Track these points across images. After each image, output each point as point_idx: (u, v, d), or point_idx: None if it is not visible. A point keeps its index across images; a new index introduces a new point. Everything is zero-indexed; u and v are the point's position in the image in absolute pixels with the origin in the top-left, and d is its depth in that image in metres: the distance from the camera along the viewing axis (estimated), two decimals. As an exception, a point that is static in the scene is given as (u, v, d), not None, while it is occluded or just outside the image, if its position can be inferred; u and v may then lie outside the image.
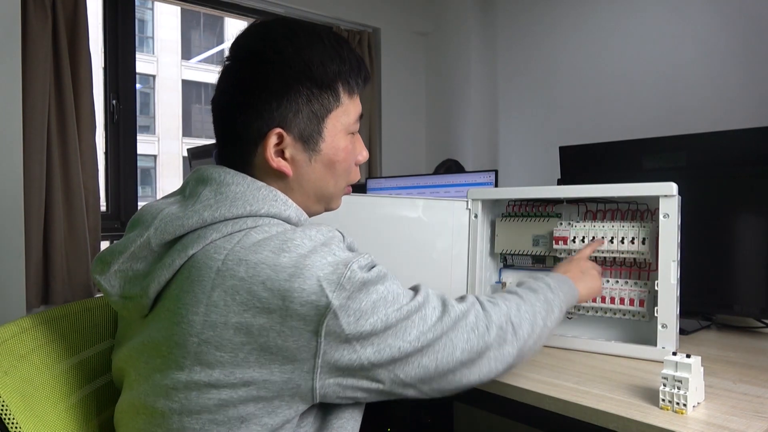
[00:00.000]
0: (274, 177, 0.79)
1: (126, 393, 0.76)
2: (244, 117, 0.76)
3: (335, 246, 0.70)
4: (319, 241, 0.69)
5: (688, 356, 0.80)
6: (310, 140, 0.78)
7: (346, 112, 0.80)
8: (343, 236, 0.75)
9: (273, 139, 0.76)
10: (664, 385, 0.80)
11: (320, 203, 0.84)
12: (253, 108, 0.76)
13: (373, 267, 0.72)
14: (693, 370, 0.79)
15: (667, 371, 0.80)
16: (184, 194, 0.78)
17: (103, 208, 2.51)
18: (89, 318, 0.92)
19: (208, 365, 0.67)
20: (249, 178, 0.76)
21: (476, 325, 0.76)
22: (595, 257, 1.14)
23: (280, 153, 0.77)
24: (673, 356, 0.81)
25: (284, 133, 0.76)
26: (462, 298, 0.80)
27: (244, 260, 0.67)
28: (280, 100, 0.75)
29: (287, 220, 0.75)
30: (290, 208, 0.76)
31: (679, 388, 0.78)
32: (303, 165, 0.79)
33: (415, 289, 0.77)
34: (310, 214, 0.84)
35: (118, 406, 0.79)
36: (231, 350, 0.66)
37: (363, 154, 0.86)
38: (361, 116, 0.84)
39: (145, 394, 0.71)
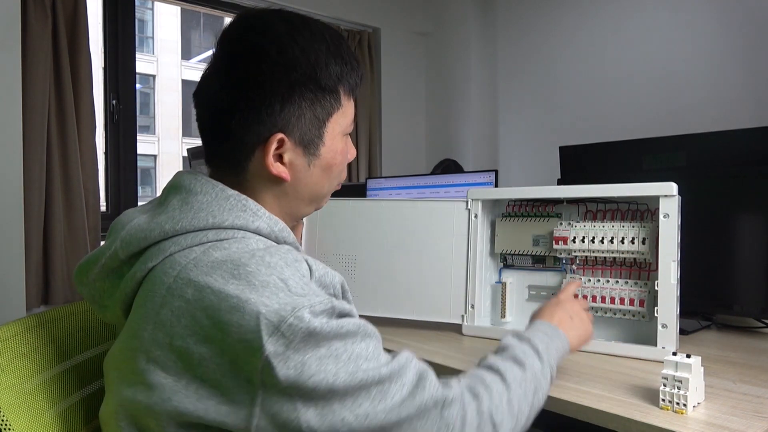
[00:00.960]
0: (269, 181, 0.74)
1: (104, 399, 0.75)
2: (243, 120, 0.70)
3: (294, 282, 0.62)
4: (277, 273, 0.62)
5: (688, 356, 0.80)
6: (310, 145, 0.74)
7: (345, 114, 0.78)
8: (311, 269, 0.66)
9: (274, 145, 0.71)
10: (664, 385, 0.80)
11: (312, 205, 0.81)
12: (254, 111, 0.70)
13: (338, 316, 0.63)
14: (693, 370, 0.79)
15: (667, 371, 0.80)
16: (160, 202, 0.74)
17: (103, 208, 2.50)
18: (91, 319, 0.92)
19: (149, 386, 0.62)
20: (219, 186, 0.71)
21: (453, 423, 0.64)
22: (595, 257, 1.14)
23: (279, 158, 0.73)
24: (673, 356, 0.81)
25: (285, 138, 0.72)
26: (448, 383, 0.68)
27: (193, 281, 0.62)
28: (283, 103, 0.70)
29: (256, 232, 0.69)
30: (260, 218, 0.70)
31: (679, 388, 0.78)
32: (301, 170, 0.75)
33: (396, 356, 0.65)
34: (300, 216, 0.81)
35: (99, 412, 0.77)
36: (174, 374, 0.61)
37: (351, 153, 0.83)
38: (355, 116, 0.82)
39: (105, 406, 0.70)
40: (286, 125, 0.71)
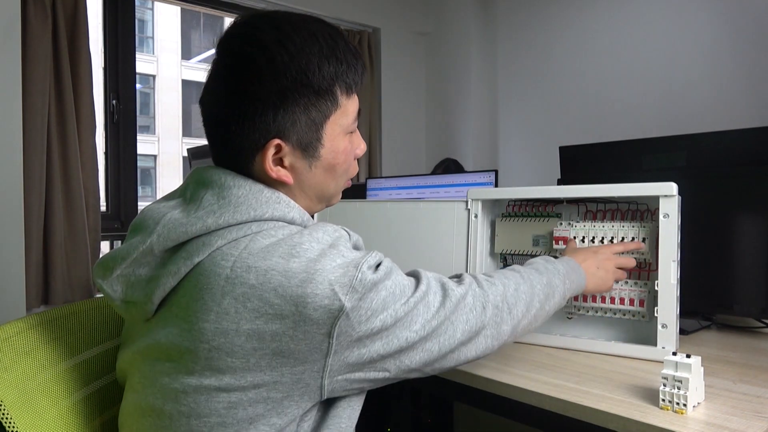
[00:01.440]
0: (274, 184, 0.77)
1: (130, 395, 0.76)
2: (240, 129, 0.73)
3: (343, 247, 0.70)
4: (327, 243, 0.69)
5: (688, 356, 0.80)
6: (309, 147, 0.75)
7: (345, 113, 0.77)
8: (349, 234, 0.75)
9: (272, 150, 0.73)
10: (664, 385, 0.80)
11: (322, 203, 0.84)
12: (249, 120, 0.72)
13: (379, 264, 0.72)
14: (693, 370, 0.79)
15: (667, 371, 0.80)
16: (185, 197, 0.76)
17: (103, 208, 2.51)
18: (94, 317, 0.93)
19: (218, 371, 0.67)
20: (250, 180, 0.75)
21: (474, 306, 0.78)
22: (595, 257, 1.14)
23: (279, 161, 0.75)
24: (673, 356, 0.81)
25: (282, 143, 0.73)
26: (459, 279, 0.82)
27: (254, 267, 0.66)
28: (276, 110, 0.72)
29: (291, 222, 0.74)
30: (294, 209, 0.75)
31: (679, 388, 0.78)
32: (303, 172, 0.77)
33: (416, 276, 0.77)
34: (312, 213, 0.83)
35: (122, 408, 0.78)
36: (242, 356, 0.66)
37: (361, 147, 0.83)
38: (359, 112, 0.81)
39: (153, 397, 0.71)
40: (281, 131, 0.73)
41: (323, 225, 0.73)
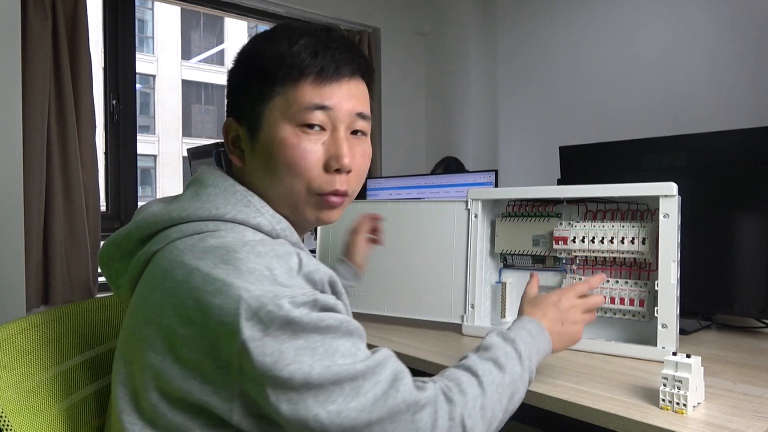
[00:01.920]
0: (241, 172, 0.78)
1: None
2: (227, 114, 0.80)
3: (280, 272, 0.62)
4: (265, 262, 0.62)
5: (688, 356, 0.80)
6: (252, 127, 0.75)
7: (288, 100, 0.72)
8: (301, 263, 0.65)
9: (229, 130, 0.78)
10: (664, 385, 0.80)
11: (284, 207, 0.76)
12: (227, 106, 0.80)
13: (321, 310, 0.63)
14: (693, 370, 0.79)
15: (667, 371, 0.80)
16: (180, 194, 0.79)
17: (103, 208, 2.51)
18: (94, 318, 0.93)
19: (143, 365, 0.65)
20: (230, 181, 0.75)
21: (423, 427, 0.63)
22: (595, 257, 1.14)
23: (237, 143, 0.77)
24: (673, 356, 0.81)
25: (234, 122, 0.77)
26: (423, 386, 0.67)
27: (185, 264, 0.64)
28: (234, 90, 0.78)
29: (257, 228, 0.70)
30: (263, 215, 0.72)
31: (679, 388, 0.78)
32: (249, 154, 0.76)
33: (374, 354, 0.65)
34: (293, 223, 0.76)
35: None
36: (161, 353, 0.64)
37: (339, 161, 0.73)
38: (320, 108, 0.72)
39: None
40: (236, 110, 0.77)
41: (279, 243, 0.67)
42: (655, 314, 1.04)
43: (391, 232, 1.34)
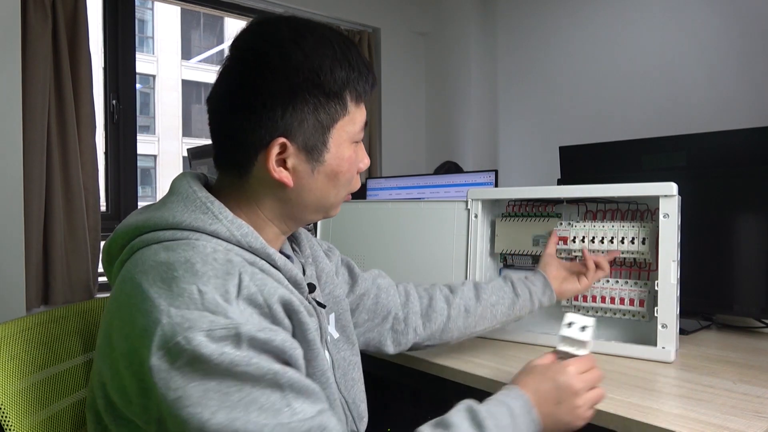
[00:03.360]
0: (273, 186, 0.73)
1: None
2: (246, 124, 0.70)
3: (212, 296, 0.59)
4: (200, 283, 0.60)
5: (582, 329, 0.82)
6: (314, 150, 0.72)
7: (353, 120, 0.75)
8: (241, 286, 0.62)
9: (276, 149, 0.70)
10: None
11: (318, 213, 0.78)
12: (256, 115, 0.70)
13: (253, 347, 0.57)
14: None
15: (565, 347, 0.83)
16: None
17: (103, 208, 2.50)
18: (94, 318, 0.93)
19: (95, 373, 0.66)
20: (195, 188, 0.71)
21: None
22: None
23: (282, 162, 0.71)
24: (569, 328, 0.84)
25: (288, 143, 0.70)
26: None
27: (133, 278, 0.63)
28: (285, 108, 0.69)
29: (214, 235, 0.67)
30: (220, 222, 0.68)
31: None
32: (305, 176, 0.73)
33: (306, 420, 0.58)
34: (305, 222, 0.80)
35: None
36: (108, 365, 0.62)
37: (365, 162, 0.79)
38: (366, 124, 0.78)
39: None
40: (288, 130, 0.70)
41: (225, 261, 0.63)
42: (655, 314, 1.04)
43: (392, 233, 1.34)
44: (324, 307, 0.81)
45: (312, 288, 0.79)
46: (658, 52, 2.66)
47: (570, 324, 0.83)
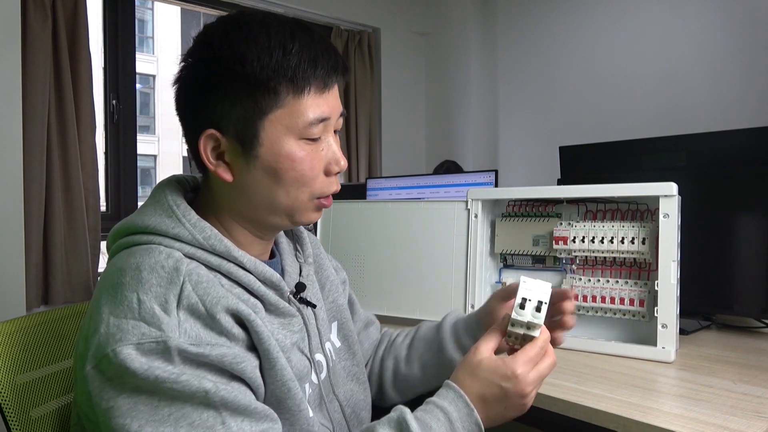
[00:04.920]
0: (223, 184, 0.70)
1: None
2: (184, 119, 0.71)
3: (150, 305, 0.58)
4: (141, 291, 0.59)
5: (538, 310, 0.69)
6: (246, 143, 0.68)
7: (292, 113, 0.68)
8: (181, 296, 0.60)
9: (207, 141, 0.68)
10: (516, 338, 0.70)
11: (277, 215, 0.72)
12: (190, 108, 0.70)
13: (187, 361, 0.57)
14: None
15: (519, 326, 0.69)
16: None
17: (103, 208, 2.51)
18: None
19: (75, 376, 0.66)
20: (167, 191, 0.71)
21: None
22: (595, 257, 1.14)
23: (221, 157, 0.69)
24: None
25: (218, 135, 0.68)
26: None
27: (99, 284, 0.65)
28: (209, 98, 0.68)
29: (176, 238, 0.66)
30: (182, 225, 0.67)
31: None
32: (243, 171, 0.69)
33: None
34: (270, 227, 0.75)
35: None
36: (80, 365, 0.62)
37: (340, 164, 0.72)
38: (323, 120, 0.70)
39: None
40: (217, 121, 0.68)
41: (172, 269, 0.62)
42: (655, 314, 1.04)
43: (393, 233, 1.34)
44: (314, 306, 0.78)
45: (302, 287, 0.77)
46: (658, 53, 2.66)
47: (523, 303, 0.69)
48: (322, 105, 0.69)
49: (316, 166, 0.70)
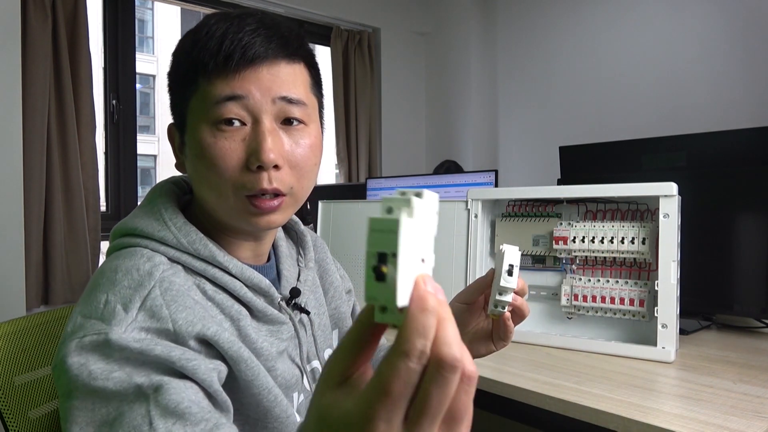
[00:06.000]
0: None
1: None
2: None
3: (113, 305, 0.57)
4: (112, 291, 0.59)
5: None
6: (181, 131, 0.69)
7: (204, 97, 0.64)
8: (147, 298, 0.58)
9: (171, 135, 0.70)
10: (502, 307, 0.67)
11: (221, 215, 0.68)
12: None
13: (125, 356, 0.54)
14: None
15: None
16: None
17: (103, 208, 2.51)
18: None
19: None
20: (158, 193, 0.71)
21: None
22: (595, 257, 1.14)
23: (182, 149, 0.69)
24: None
25: (173, 127, 0.70)
26: None
27: (90, 284, 0.64)
28: (170, 93, 0.70)
29: (162, 241, 0.65)
30: (167, 228, 0.65)
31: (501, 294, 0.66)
32: (186, 159, 0.69)
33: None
34: (230, 227, 0.69)
35: None
36: None
37: (259, 156, 0.63)
38: (231, 98, 0.63)
39: None
40: (173, 113, 0.70)
41: (146, 273, 0.60)
42: (655, 314, 1.04)
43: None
44: (308, 313, 0.75)
45: (296, 293, 0.74)
46: (658, 53, 2.66)
47: (511, 270, 0.66)
48: (233, 84, 0.63)
49: (231, 156, 0.63)
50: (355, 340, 0.34)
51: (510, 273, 0.65)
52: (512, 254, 0.66)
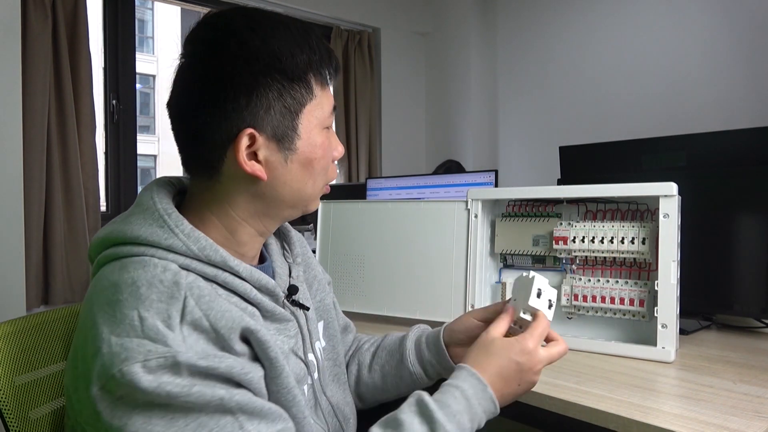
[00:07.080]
0: (245, 183, 0.69)
1: None
2: (210, 119, 0.67)
3: (152, 322, 0.57)
4: (142, 308, 0.58)
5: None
6: (285, 138, 0.68)
7: (320, 105, 0.71)
8: (185, 311, 0.59)
9: (245, 141, 0.66)
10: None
11: (296, 208, 0.74)
12: (219, 108, 0.66)
13: (194, 374, 0.56)
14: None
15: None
16: None
17: (103, 208, 2.51)
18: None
19: (66, 386, 0.65)
20: (157, 199, 0.68)
21: None
22: (595, 257, 1.14)
23: (253, 155, 0.68)
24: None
25: (256, 133, 0.67)
26: None
27: (89, 299, 0.63)
28: (249, 97, 0.66)
29: (170, 249, 0.64)
30: (176, 236, 0.65)
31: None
32: (278, 167, 0.69)
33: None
34: (281, 220, 0.76)
35: None
36: (72, 381, 0.62)
37: (339, 150, 0.76)
38: (334, 108, 0.75)
39: None
40: (255, 119, 0.67)
41: (171, 284, 0.61)
42: (655, 314, 1.04)
43: (393, 233, 1.34)
44: (308, 309, 0.78)
45: (294, 290, 0.77)
46: (658, 52, 2.66)
47: (539, 293, 0.77)
48: (332, 96, 0.74)
49: (329, 154, 0.75)
50: (508, 319, 0.78)
51: (539, 296, 0.77)
52: (549, 289, 0.78)
